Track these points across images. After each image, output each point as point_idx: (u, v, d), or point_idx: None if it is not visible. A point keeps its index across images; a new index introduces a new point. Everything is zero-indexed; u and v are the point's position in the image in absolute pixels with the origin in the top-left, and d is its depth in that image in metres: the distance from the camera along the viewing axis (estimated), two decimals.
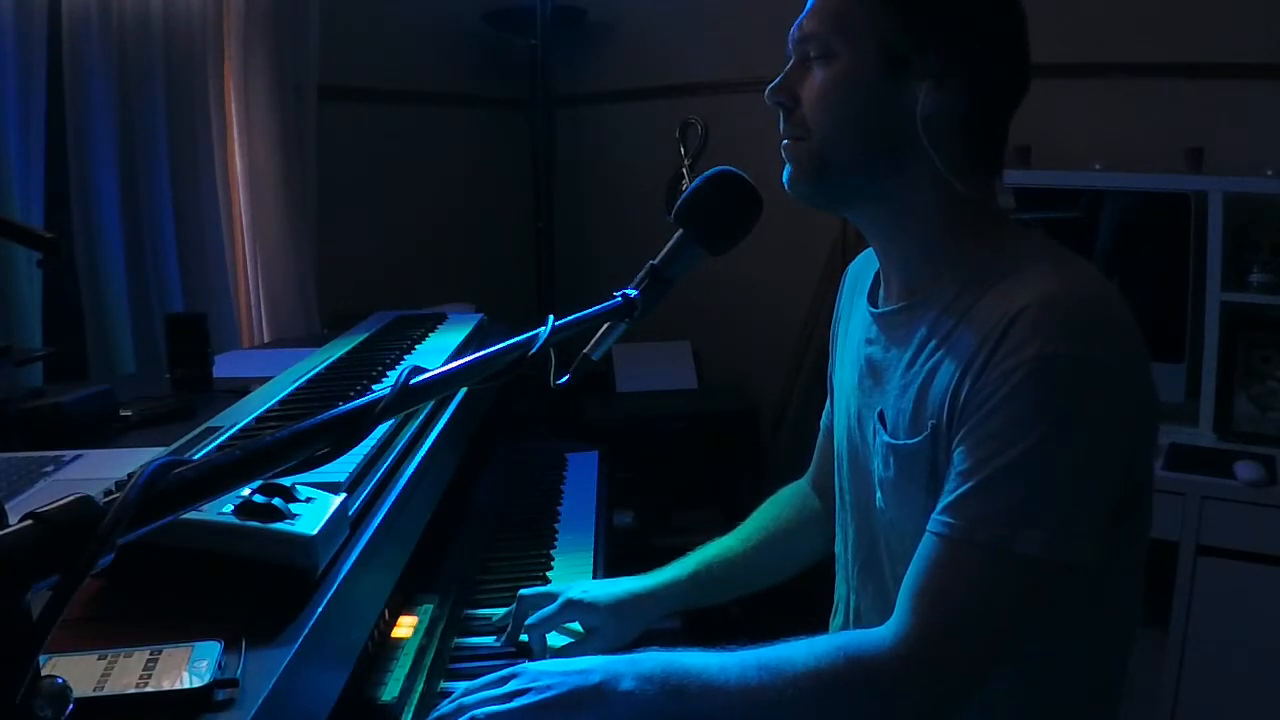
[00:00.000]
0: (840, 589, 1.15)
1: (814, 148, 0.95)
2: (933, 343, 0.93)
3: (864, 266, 1.14)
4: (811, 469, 1.31)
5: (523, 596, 1.18)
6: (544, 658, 1.13)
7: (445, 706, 0.90)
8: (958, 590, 0.85)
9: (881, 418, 0.98)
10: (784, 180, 0.98)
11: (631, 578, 1.21)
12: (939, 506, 0.87)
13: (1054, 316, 0.84)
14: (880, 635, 0.87)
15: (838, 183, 0.96)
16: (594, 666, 0.90)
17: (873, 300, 1.06)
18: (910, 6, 0.90)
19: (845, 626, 1.13)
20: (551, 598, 1.16)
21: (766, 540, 1.27)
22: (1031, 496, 0.83)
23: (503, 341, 0.72)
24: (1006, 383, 0.84)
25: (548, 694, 0.87)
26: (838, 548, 1.15)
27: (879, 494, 0.99)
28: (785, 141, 0.98)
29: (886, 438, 0.96)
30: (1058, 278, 0.87)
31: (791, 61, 0.97)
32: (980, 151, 0.95)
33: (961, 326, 0.90)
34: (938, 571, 0.86)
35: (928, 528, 0.87)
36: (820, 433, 1.29)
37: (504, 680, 0.91)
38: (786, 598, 1.39)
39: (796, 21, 0.97)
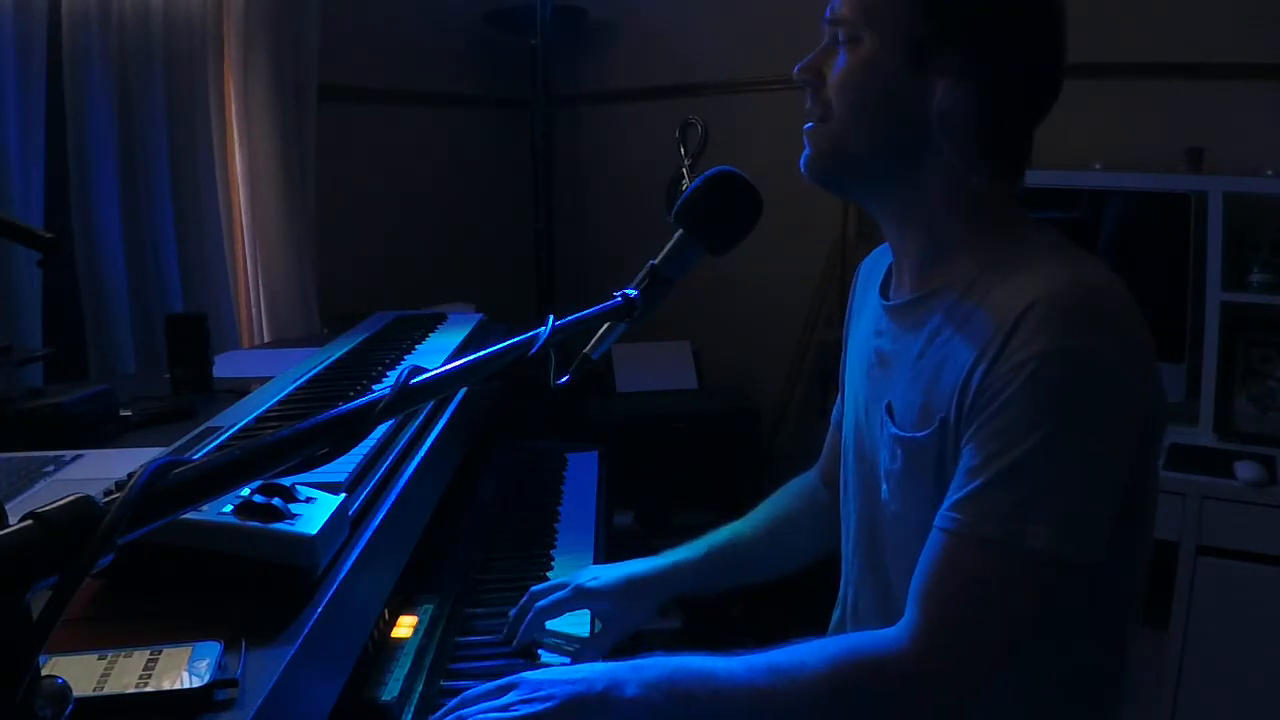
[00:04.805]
0: (841, 583, 1.15)
1: (833, 130, 0.96)
2: (942, 335, 0.93)
3: (876, 262, 1.15)
4: (821, 462, 1.31)
5: (534, 593, 1.18)
6: (548, 655, 1.13)
7: (441, 716, 0.89)
8: (967, 587, 0.85)
9: (889, 409, 0.98)
10: (801, 164, 0.99)
11: (639, 560, 1.20)
12: (947, 503, 0.87)
13: (1061, 312, 0.84)
14: (891, 636, 0.87)
15: (851, 168, 0.97)
16: (597, 675, 0.88)
17: (884, 294, 1.06)
18: (939, 3, 0.90)
19: (843, 621, 1.13)
20: (562, 588, 1.16)
21: (776, 528, 1.26)
22: (1040, 492, 0.83)
23: (503, 341, 0.72)
24: (1015, 379, 0.84)
25: (550, 704, 0.85)
26: (842, 541, 1.14)
27: (885, 486, 0.99)
28: (807, 126, 0.98)
29: (894, 429, 0.96)
30: (1067, 273, 0.87)
31: (824, 41, 0.98)
32: (998, 151, 0.95)
33: (970, 321, 0.90)
34: (946, 568, 0.85)
35: (935, 524, 0.87)
36: (830, 427, 1.29)
37: (503, 690, 0.88)
38: (788, 597, 1.39)
39: (832, 3, 0.97)
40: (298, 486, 0.85)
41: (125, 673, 0.67)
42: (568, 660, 1.14)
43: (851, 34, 0.93)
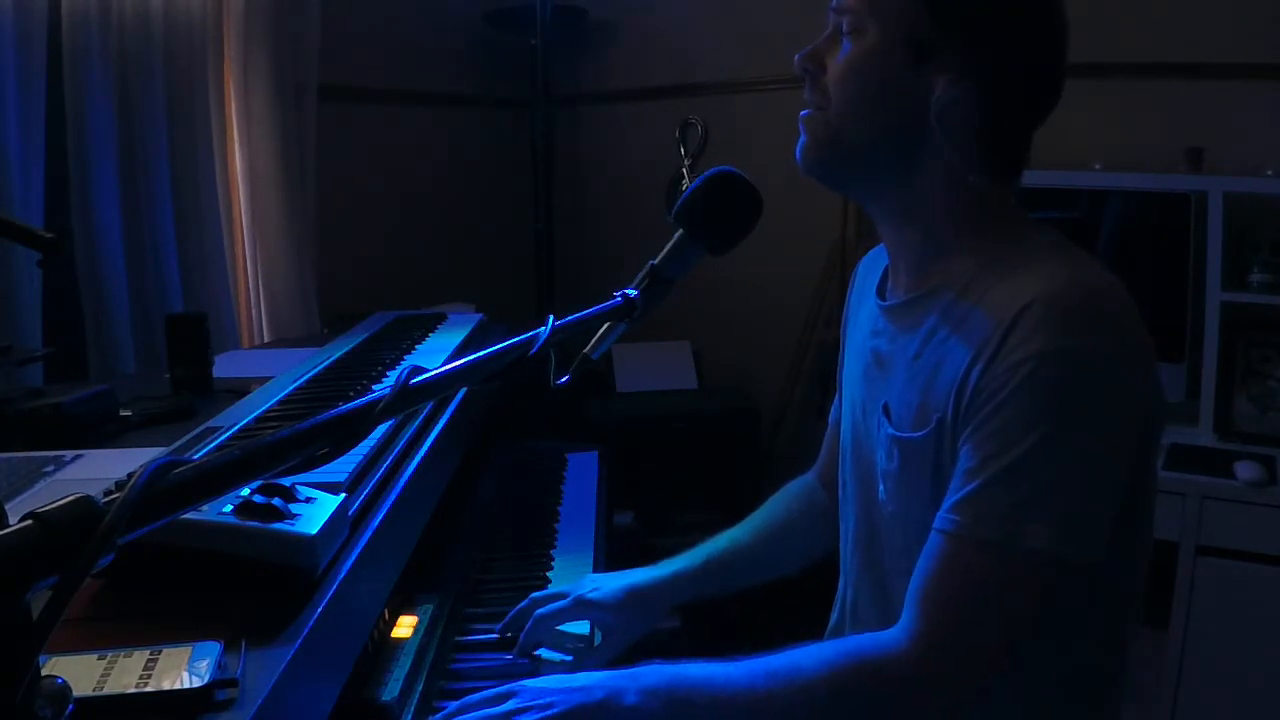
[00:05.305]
0: (839, 583, 1.15)
1: (830, 120, 0.95)
2: (939, 335, 0.93)
3: (873, 262, 1.15)
4: (819, 463, 1.31)
5: (536, 599, 1.18)
6: (547, 661, 1.13)
7: None
8: (966, 589, 0.85)
9: (886, 410, 0.98)
10: (796, 153, 0.98)
11: (641, 570, 1.20)
12: (945, 505, 0.87)
13: (1060, 311, 0.84)
14: (890, 638, 0.87)
15: (848, 159, 0.97)
16: (596, 683, 0.88)
17: (881, 294, 1.06)
18: (940, 1, 0.90)
19: (841, 620, 1.13)
20: (562, 597, 1.16)
21: (774, 532, 1.26)
22: (1038, 492, 0.83)
23: (503, 341, 0.72)
24: (1012, 379, 0.84)
25: (549, 712, 0.85)
26: (840, 541, 1.14)
27: (881, 486, 0.99)
28: (804, 113, 0.98)
29: (891, 430, 0.96)
30: (1066, 273, 0.87)
31: (828, 30, 0.97)
32: (997, 151, 0.95)
33: (968, 320, 0.90)
34: (945, 570, 0.85)
35: (934, 525, 0.87)
36: (829, 426, 1.29)
37: (502, 698, 0.88)
38: (786, 598, 1.39)
39: None
40: (298, 486, 0.85)
41: (125, 673, 0.66)
42: (568, 657, 1.15)
43: (856, 24, 0.93)
